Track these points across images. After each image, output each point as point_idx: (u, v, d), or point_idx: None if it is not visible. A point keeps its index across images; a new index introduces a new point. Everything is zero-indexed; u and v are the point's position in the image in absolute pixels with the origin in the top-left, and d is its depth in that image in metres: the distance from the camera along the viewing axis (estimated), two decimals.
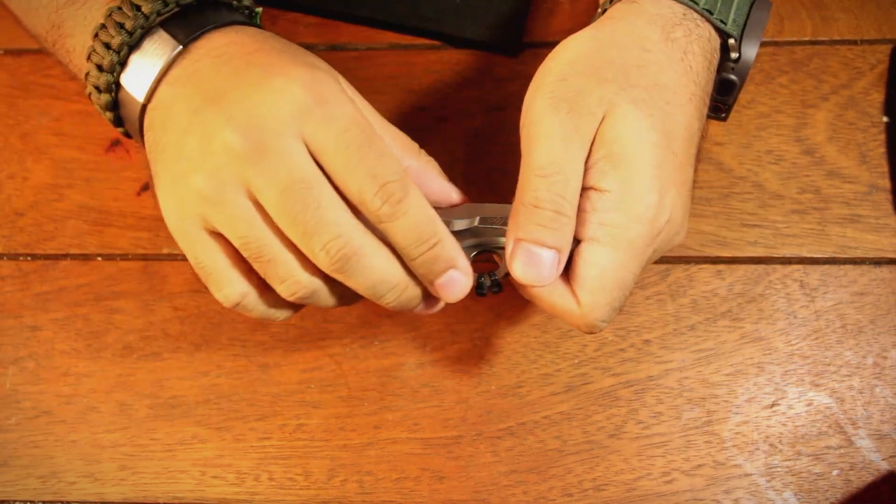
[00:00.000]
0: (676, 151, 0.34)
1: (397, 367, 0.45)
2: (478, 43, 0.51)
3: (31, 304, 0.47)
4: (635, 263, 0.33)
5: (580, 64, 0.34)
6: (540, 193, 0.33)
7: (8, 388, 0.46)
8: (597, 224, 0.33)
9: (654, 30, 0.35)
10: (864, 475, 0.42)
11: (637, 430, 0.43)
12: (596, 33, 0.36)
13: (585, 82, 0.34)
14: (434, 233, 0.33)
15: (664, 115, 0.34)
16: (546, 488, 0.43)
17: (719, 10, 0.37)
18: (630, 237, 0.33)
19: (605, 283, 0.33)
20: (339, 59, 0.51)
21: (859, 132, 0.47)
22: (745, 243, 0.46)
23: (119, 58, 0.35)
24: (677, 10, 0.36)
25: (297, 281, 0.33)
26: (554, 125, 0.33)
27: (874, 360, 0.44)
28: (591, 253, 0.33)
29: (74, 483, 0.44)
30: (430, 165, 0.37)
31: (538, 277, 0.33)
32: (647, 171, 0.33)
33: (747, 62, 0.38)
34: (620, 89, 0.33)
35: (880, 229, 0.46)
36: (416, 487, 0.43)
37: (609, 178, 0.33)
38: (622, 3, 0.37)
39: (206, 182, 0.32)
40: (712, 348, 0.44)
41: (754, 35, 0.38)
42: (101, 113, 0.37)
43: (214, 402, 0.45)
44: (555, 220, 0.33)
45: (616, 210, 0.33)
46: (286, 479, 0.44)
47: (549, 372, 0.45)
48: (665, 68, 0.35)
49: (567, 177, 0.33)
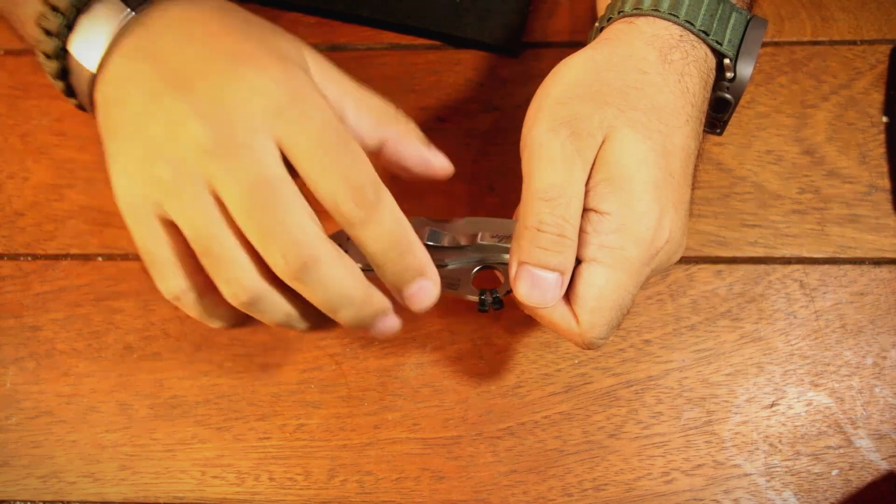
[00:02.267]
0: (674, 172, 0.35)
1: (397, 367, 0.45)
2: (478, 43, 0.51)
3: (31, 304, 0.47)
4: (633, 284, 0.34)
5: (579, 87, 0.35)
6: (543, 217, 0.33)
7: (8, 387, 0.46)
8: (597, 246, 0.33)
9: (651, 52, 0.36)
10: (864, 475, 0.42)
11: (637, 430, 0.43)
12: (594, 54, 0.36)
13: (585, 106, 0.34)
14: (406, 240, 0.33)
15: (662, 138, 0.34)
16: (546, 488, 0.43)
17: (715, 30, 0.37)
18: (630, 258, 0.34)
19: (604, 303, 0.34)
20: (339, 59, 0.51)
21: (859, 132, 0.47)
22: (745, 243, 0.46)
23: (66, 20, 0.33)
24: (674, 32, 0.36)
25: (242, 283, 0.31)
26: (555, 149, 0.33)
27: (874, 360, 0.44)
28: (592, 274, 0.34)
29: (75, 483, 0.44)
30: (410, 131, 0.37)
31: (542, 300, 0.34)
32: (646, 193, 0.33)
33: (742, 81, 0.38)
34: (620, 112, 0.34)
35: (880, 229, 0.46)
36: (416, 487, 0.43)
37: (609, 200, 0.33)
38: (619, 24, 0.37)
39: (168, 170, 0.31)
40: (712, 348, 0.44)
41: (749, 54, 0.38)
42: (53, 83, 0.35)
43: (214, 402, 0.45)
44: (558, 243, 0.33)
45: (616, 232, 0.33)
46: (286, 479, 0.44)
47: (549, 372, 0.45)
48: (663, 90, 0.35)
49: (569, 200, 0.33)
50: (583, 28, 0.50)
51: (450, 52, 0.51)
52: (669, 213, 0.34)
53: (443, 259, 0.37)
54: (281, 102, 0.31)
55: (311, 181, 0.31)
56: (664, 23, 0.36)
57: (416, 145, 0.36)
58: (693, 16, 0.36)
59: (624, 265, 0.34)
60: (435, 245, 0.37)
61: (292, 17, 0.52)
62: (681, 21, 0.36)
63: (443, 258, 0.37)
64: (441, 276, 0.37)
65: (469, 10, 0.51)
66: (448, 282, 0.37)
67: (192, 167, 0.31)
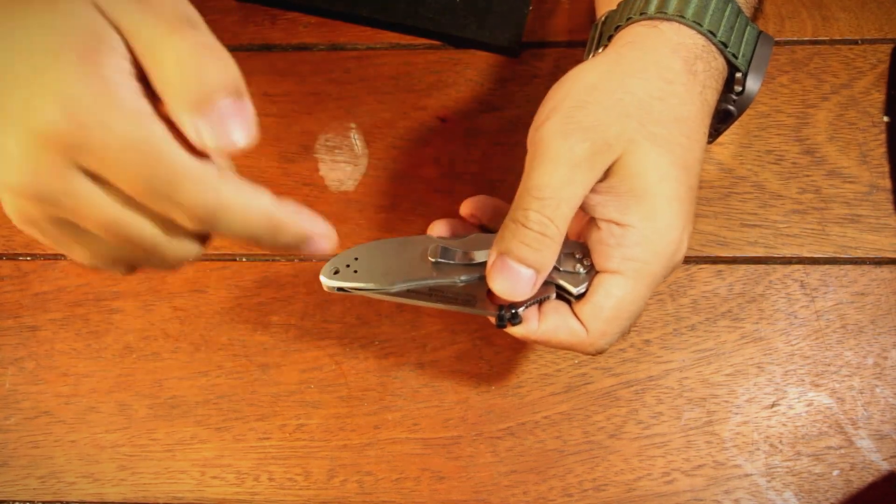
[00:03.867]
0: (692, 185, 0.35)
1: (397, 367, 0.45)
2: (478, 43, 0.50)
3: (30, 304, 0.47)
4: (649, 294, 0.35)
5: (600, 92, 0.34)
6: (530, 213, 0.33)
7: (7, 388, 0.46)
8: (621, 258, 0.34)
9: (677, 61, 0.35)
10: (865, 475, 0.42)
11: (637, 431, 0.43)
12: (618, 59, 0.35)
13: (605, 114, 0.33)
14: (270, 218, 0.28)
15: (683, 151, 0.34)
16: (546, 488, 0.43)
17: (733, 42, 0.37)
18: (652, 272, 0.34)
19: (621, 313, 0.34)
20: (339, 59, 0.51)
21: (860, 132, 0.47)
22: (746, 243, 0.46)
23: None
24: (698, 42, 0.36)
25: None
26: (563, 150, 0.33)
27: (874, 361, 0.44)
28: (613, 285, 0.34)
29: (74, 483, 0.44)
30: None
31: (513, 293, 0.34)
32: (670, 207, 0.33)
33: (750, 96, 0.38)
34: (641, 125, 0.33)
35: (880, 229, 0.46)
36: (416, 487, 0.43)
37: (632, 213, 0.33)
38: (642, 27, 0.36)
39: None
40: (712, 348, 0.44)
41: (759, 70, 0.38)
42: None
43: (214, 402, 0.45)
44: (538, 241, 0.33)
45: (640, 245, 0.33)
46: (286, 479, 0.44)
47: (549, 372, 0.45)
48: (685, 102, 0.35)
49: (559, 203, 0.33)
50: (583, 28, 0.50)
51: (450, 52, 0.51)
52: (689, 227, 0.35)
53: (456, 276, 0.37)
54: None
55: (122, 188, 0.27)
56: (689, 31, 0.36)
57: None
58: (715, 26, 0.36)
59: (646, 279, 0.34)
60: (447, 262, 0.37)
61: (292, 17, 0.52)
62: (703, 30, 0.36)
63: (456, 275, 0.37)
64: (456, 294, 0.37)
65: (469, 10, 0.51)
66: (464, 299, 0.37)
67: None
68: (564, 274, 0.36)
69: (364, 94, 0.50)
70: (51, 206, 0.27)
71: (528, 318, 0.36)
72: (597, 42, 0.40)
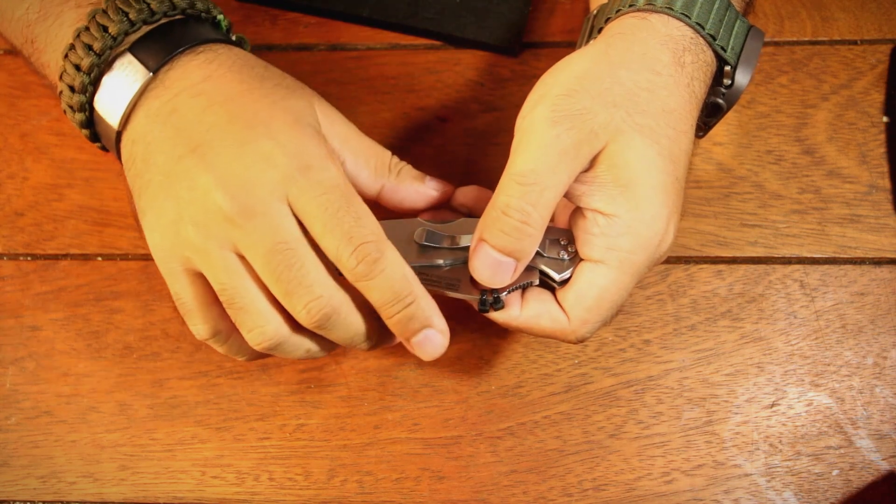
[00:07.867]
0: (679, 177, 0.35)
1: (397, 367, 0.45)
2: (478, 43, 0.51)
3: (31, 304, 0.47)
4: (633, 284, 0.35)
5: (588, 81, 0.34)
6: (512, 201, 0.33)
7: (8, 388, 0.46)
8: (605, 248, 0.34)
9: (665, 52, 0.35)
10: (864, 475, 0.42)
11: (637, 430, 0.43)
12: (607, 49, 0.35)
13: (592, 102, 0.33)
14: (409, 292, 0.34)
15: (670, 142, 0.34)
16: (546, 488, 0.43)
17: (721, 35, 0.37)
18: (636, 262, 0.34)
19: (604, 302, 0.35)
20: (339, 59, 0.51)
21: (859, 132, 0.47)
22: (745, 243, 0.46)
23: (90, 79, 0.35)
24: (686, 34, 0.36)
25: (264, 332, 0.35)
26: (549, 137, 0.33)
27: (874, 360, 0.44)
28: (597, 274, 0.34)
29: (74, 483, 0.44)
30: (406, 174, 0.39)
31: (493, 279, 0.35)
32: (655, 198, 0.33)
33: (739, 89, 0.38)
34: (628, 115, 0.34)
35: (880, 229, 0.46)
36: (416, 487, 0.43)
37: (617, 203, 0.33)
38: (631, 18, 0.36)
39: (195, 233, 0.34)
40: (712, 348, 0.44)
41: (748, 64, 0.38)
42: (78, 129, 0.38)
43: (214, 402, 0.45)
44: (518, 230, 0.33)
45: (625, 235, 0.33)
46: (286, 479, 0.44)
47: (549, 372, 0.45)
48: (673, 94, 0.35)
49: (543, 189, 0.33)
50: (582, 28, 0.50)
51: (450, 52, 0.51)
52: (674, 217, 0.35)
53: (441, 259, 0.37)
54: (292, 172, 0.34)
55: (318, 240, 0.34)
56: (677, 23, 0.36)
57: (411, 186, 0.39)
58: (704, 18, 0.36)
59: (630, 269, 0.34)
60: (433, 245, 0.37)
61: (292, 17, 0.53)
62: (692, 23, 0.36)
63: (441, 258, 0.37)
64: (439, 277, 0.37)
65: (469, 10, 0.51)
66: (447, 282, 0.37)
67: (217, 232, 0.33)
68: (548, 260, 0.36)
69: (364, 94, 0.50)
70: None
71: (510, 304, 0.36)
72: (588, 34, 0.40)
